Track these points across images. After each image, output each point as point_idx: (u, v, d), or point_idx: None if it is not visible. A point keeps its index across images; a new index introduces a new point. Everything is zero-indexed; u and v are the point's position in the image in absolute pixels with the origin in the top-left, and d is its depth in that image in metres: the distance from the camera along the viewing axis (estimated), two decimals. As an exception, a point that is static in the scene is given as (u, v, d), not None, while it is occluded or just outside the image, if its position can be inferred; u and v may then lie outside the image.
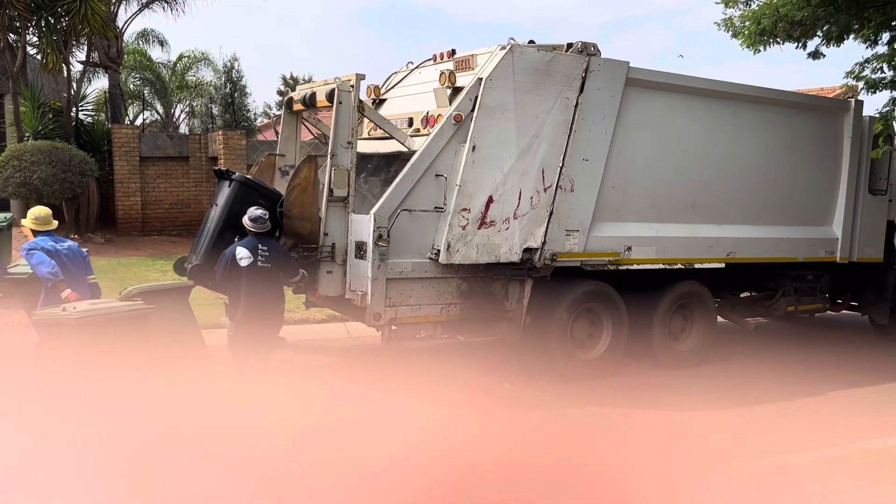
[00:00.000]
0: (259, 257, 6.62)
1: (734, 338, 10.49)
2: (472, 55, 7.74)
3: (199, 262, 7.35)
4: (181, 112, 27.30)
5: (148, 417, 5.57)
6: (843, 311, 11.32)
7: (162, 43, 24.77)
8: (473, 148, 7.25)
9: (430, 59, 8.61)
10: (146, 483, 4.94)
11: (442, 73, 7.67)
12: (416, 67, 8.82)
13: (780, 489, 5.38)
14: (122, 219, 17.80)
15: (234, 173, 7.66)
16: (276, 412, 5.98)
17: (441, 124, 7.30)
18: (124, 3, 19.53)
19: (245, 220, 6.75)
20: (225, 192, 7.55)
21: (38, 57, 17.48)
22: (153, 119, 26.82)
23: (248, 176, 7.96)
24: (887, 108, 9.10)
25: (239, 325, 6.66)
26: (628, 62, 7.97)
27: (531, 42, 7.69)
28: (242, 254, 6.60)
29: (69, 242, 6.95)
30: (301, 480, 5.08)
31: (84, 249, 7.19)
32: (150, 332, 6.31)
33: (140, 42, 24.57)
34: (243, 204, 7.13)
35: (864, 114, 9.98)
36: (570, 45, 7.74)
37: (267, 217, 6.83)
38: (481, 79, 7.28)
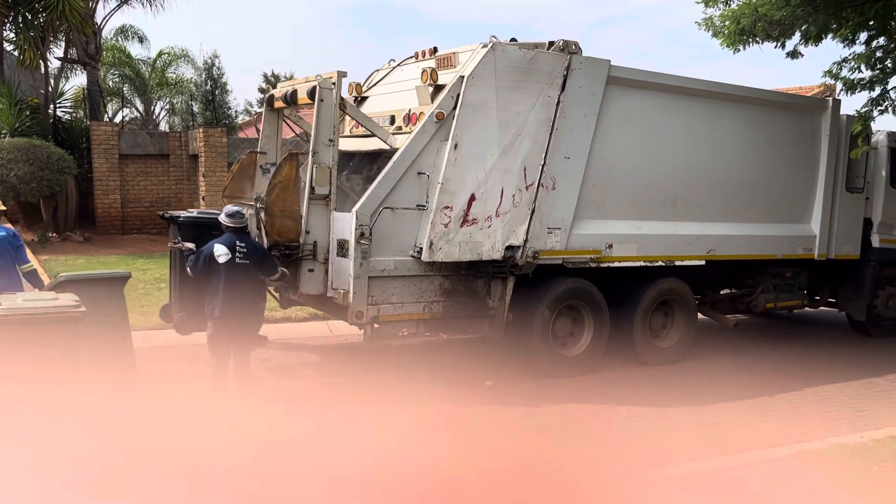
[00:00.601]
0: (237, 254, 6.47)
1: (714, 334, 10.59)
2: (454, 53, 7.74)
3: (184, 312, 7.30)
4: (161, 109, 27.10)
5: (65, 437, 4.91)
6: (821, 308, 11.46)
7: (141, 39, 24.58)
8: (455, 146, 7.26)
9: (411, 57, 8.60)
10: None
11: (424, 70, 7.67)
12: (398, 65, 8.81)
13: (754, 484, 5.44)
14: (102, 217, 17.63)
15: (180, 216, 7.49)
16: (248, 420, 5.80)
17: (423, 122, 7.29)
18: (103, -1, 19.35)
19: (222, 217, 6.65)
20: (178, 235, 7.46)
21: (15, 53, 17.27)
22: (133, 116, 26.57)
23: (196, 211, 7.85)
24: (866, 109, 9.20)
25: (217, 323, 6.53)
26: (609, 60, 8.01)
27: (513, 39, 7.70)
28: (220, 250, 6.45)
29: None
30: (279, 490, 5.00)
31: (17, 235, 6.91)
32: (78, 336, 5.59)
33: (119, 38, 24.36)
34: (198, 243, 6.94)
35: (841, 113, 10.11)
36: (551, 44, 7.76)
37: (244, 213, 6.77)
38: (463, 76, 7.29)
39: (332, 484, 4.97)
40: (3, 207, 6.84)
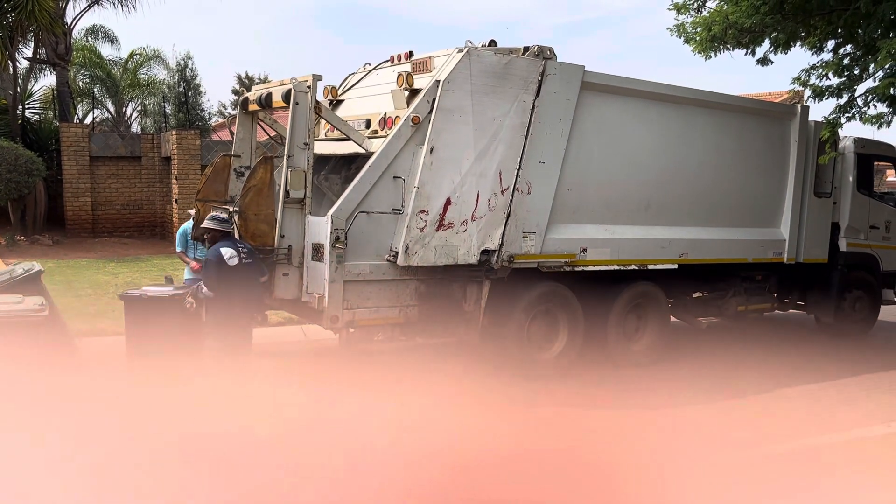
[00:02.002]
0: (242, 255, 6.66)
1: (687, 337, 10.71)
2: (430, 57, 7.76)
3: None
4: (133, 111, 26.78)
5: None
6: (791, 311, 11.64)
7: (112, 40, 24.30)
8: (431, 150, 7.27)
9: (387, 61, 8.60)
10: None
11: (399, 74, 7.67)
12: (374, 69, 8.81)
13: (730, 485, 5.51)
14: (71, 220, 17.37)
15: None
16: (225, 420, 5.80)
17: (399, 126, 7.30)
18: (73, -2, 19.09)
19: (209, 224, 6.75)
20: None
21: (-18, 53, 16.94)
22: (104, 118, 26.20)
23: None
24: (834, 115, 9.37)
25: (224, 323, 6.61)
26: (584, 66, 8.08)
27: (493, 42, 7.73)
28: (229, 253, 6.60)
29: None
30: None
31: None
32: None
33: (89, 39, 24.02)
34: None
35: (809, 119, 10.30)
36: (526, 49, 7.81)
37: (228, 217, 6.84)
38: (439, 81, 7.31)
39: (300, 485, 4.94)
40: None
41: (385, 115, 7.84)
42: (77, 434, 5.06)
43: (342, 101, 9.04)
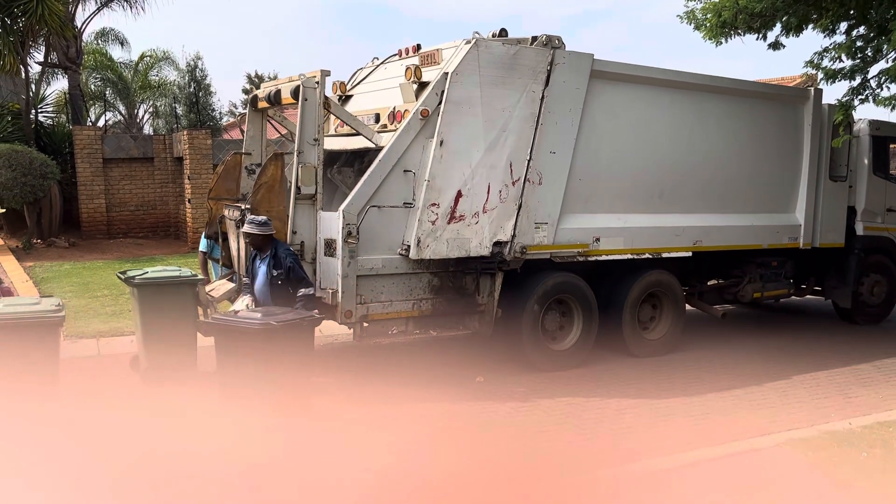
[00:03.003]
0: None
1: (703, 325, 10.64)
2: (438, 50, 7.73)
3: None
4: (145, 112, 26.88)
5: None
6: (807, 296, 11.54)
7: (122, 42, 24.35)
8: (441, 143, 7.25)
9: (395, 55, 8.58)
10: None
11: (408, 68, 7.65)
12: (382, 63, 8.79)
13: (746, 472, 5.48)
14: (87, 222, 17.49)
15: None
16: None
17: (408, 120, 7.29)
18: (82, 2, 19.19)
19: (254, 228, 6.82)
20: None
21: (-5, 58, 17.06)
22: (116, 120, 26.34)
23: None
24: (847, 98, 9.26)
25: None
26: (593, 54, 8.02)
27: (503, 31, 7.69)
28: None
29: None
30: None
31: None
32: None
33: (99, 42, 24.13)
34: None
35: (823, 102, 10.18)
36: (534, 39, 7.77)
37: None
38: (447, 73, 7.28)
39: (321, 479, 4.96)
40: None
41: (394, 109, 7.82)
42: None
43: (351, 96, 9.04)
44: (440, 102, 7.26)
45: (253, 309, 6.55)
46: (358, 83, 9.05)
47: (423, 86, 7.50)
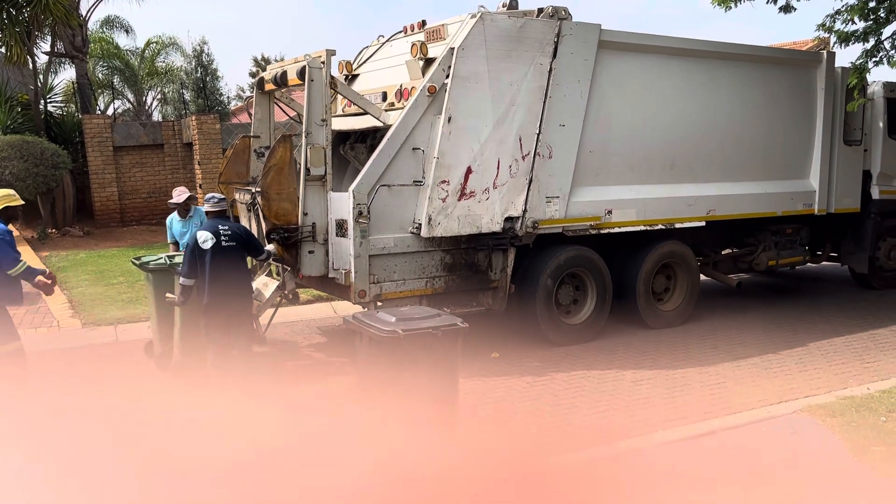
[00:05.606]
0: (222, 237, 6.34)
1: (718, 295, 10.60)
2: (443, 25, 7.65)
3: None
4: (153, 99, 26.91)
5: None
6: (823, 263, 11.46)
7: (127, 30, 24.34)
8: (449, 119, 7.21)
9: (400, 32, 8.51)
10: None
11: (413, 44, 7.59)
12: (388, 40, 8.72)
13: (764, 440, 5.48)
14: (100, 210, 17.58)
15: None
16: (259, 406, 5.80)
17: (415, 97, 7.24)
18: (86, -10, 19.12)
19: (206, 206, 6.62)
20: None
21: (2, 50, 17.09)
22: (125, 108, 26.41)
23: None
24: (861, 61, 9.09)
25: (209, 311, 6.36)
26: (600, 25, 7.92)
27: (513, 1, 7.59)
28: (203, 236, 6.31)
29: None
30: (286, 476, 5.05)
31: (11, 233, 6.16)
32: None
33: (105, 30, 24.10)
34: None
35: (836, 66, 10.01)
36: (540, 10, 7.67)
37: (223, 197, 6.68)
38: (453, 48, 7.21)
39: (343, 458, 5.00)
40: (22, 202, 6.66)
41: (401, 86, 7.77)
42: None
43: (358, 75, 8.99)
44: (447, 78, 7.20)
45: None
46: (364, 62, 8.99)
47: (429, 62, 7.44)
